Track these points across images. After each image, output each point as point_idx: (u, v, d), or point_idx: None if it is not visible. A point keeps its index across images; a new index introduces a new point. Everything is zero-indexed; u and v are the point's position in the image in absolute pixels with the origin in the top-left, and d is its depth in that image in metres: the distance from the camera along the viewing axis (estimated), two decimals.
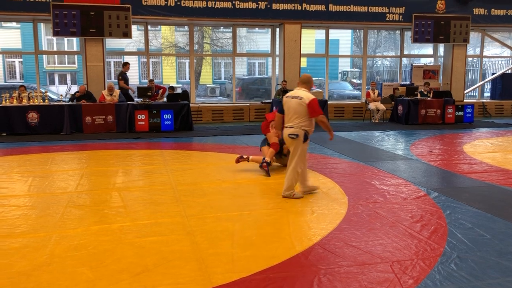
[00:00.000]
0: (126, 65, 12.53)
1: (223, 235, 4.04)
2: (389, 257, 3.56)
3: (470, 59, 18.91)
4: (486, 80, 17.71)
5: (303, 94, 5.20)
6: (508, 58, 18.07)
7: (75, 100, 11.34)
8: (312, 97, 5.19)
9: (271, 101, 13.65)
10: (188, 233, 4.08)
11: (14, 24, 23.76)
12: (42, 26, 22.28)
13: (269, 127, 6.78)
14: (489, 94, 17.83)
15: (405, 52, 16.59)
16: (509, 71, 17.02)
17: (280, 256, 3.57)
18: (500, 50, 21.52)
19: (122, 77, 12.39)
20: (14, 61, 25.43)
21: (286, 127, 5.29)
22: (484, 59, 17.68)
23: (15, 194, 5.44)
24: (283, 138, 5.41)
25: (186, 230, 4.18)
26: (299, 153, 5.20)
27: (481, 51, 16.79)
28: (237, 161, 6.69)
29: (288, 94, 5.39)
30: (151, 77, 13.54)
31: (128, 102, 11.39)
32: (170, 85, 15.38)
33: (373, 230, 4.16)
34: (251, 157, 6.68)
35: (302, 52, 14.00)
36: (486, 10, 14.94)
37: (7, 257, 3.56)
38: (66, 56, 26.94)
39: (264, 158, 6.47)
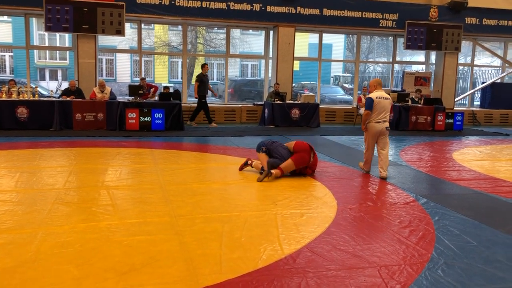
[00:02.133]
0: (204, 66, 12.38)
1: (212, 236, 4.02)
2: (377, 261, 3.56)
3: (461, 67, 19.10)
4: (476, 88, 17.89)
5: (387, 95, 6.65)
6: (498, 68, 18.27)
7: (62, 94, 11.27)
8: None
9: (263, 103, 13.66)
10: (177, 233, 4.06)
11: (5, 17, 23.52)
12: (34, 21, 22.08)
13: (299, 166, 6.44)
14: (479, 103, 18.03)
15: (397, 59, 16.69)
16: (499, 81, 17.22)
17: (268, 259, 3.56)
18: (490, 60, 21.76)
19: (200, 79, 12.23)
20: (4, 55, 25.18)
21: (380, 122, 6.56)
22: (474, 68, 17.87)
23: (1, 190, 5.37)
24: (378, 131, 6.62)
25: (175, 230, 4.15)
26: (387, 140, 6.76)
27: (472, 60, 16.96)
28: (241, 168, 6.63)
29: (377, 95, 6.55)
30: (143, 76, 13.46)
31: (119, 100, 11.32)
32: (164, 85, 15.35)
33: (361, 235, 4.17)
34: (254, 163, 6.64)
35: (295, 55, 14.04)
36: (478, 20, 15.11)
37: None
38: (57, 52, 26.74)
39: (262, 167, 6.41)
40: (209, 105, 12.86)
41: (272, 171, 6.24)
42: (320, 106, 13.47)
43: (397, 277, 3.30)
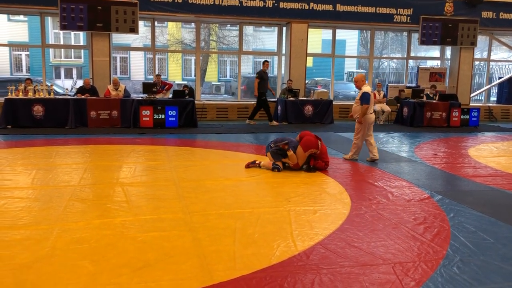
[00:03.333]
0: (265, 63, 12.35)
1: (225, 232, 4.03)
2: (391, 258, 3.54)
3: (477, 62, 18.80)
4: (493, 84, 17.61)
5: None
6: None
7: (77, 92, 11.43)
8: None
9: (276, 100, 13.63)
10: (190, 230, 4.08)
11: (21, 17, 23.80)
12: (49, 20, 22.33)
13: (309, 149, 6.47)
14: (495, 98, 17.75)
15: (412, 54, 16.51)
16: None
17: (281, 255, 3.56)
18: (507, 54, 21.39)
19: (260, 76, 12.15)
20: (20, 54, 25.50)
21: (372, 112, 7.37)
22: (491, 63, 17.59)
23: (18, 186, 5.46)
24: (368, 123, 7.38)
25: (188, 226, 4.17)
26: None
27: (489, 54, 16.71)
28: (247, 166, 6.69)
29: (370, 90, 7.28)
30: (157, 73, 13.55)
31: (133, 98, 11.40)
32: (178, 82, 15.37)
33: (375, 231, 4.14)
34: (262, 162, 6.69)
35: (308, 52, 13.97)
36: (494, 14, 14.86)
37: (9, 248, 3.57)
38: (72, 50, 26.98)
39: (273, 163, 6.53)
40: (222, 102, 12.86)
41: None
42: (333, 103, 13.40)
43: (412, 274, 3.27)
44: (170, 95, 12.21)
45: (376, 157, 7.47)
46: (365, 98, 7.20)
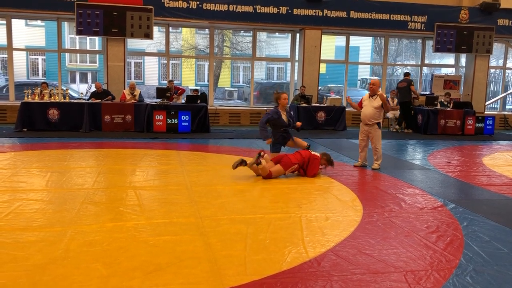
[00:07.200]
0: (408, 74, 13.14)
1: (237, 237, 4.03)
2: (403, 266, 3.51)
3: (492, 70, 18.60)
4: (509, 92, 17.41)
5: None
6: None
7: (90, 96, 11.58)
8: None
9: (288, 106, 13.62)
10: (202, 234, 4.09)
11: (39, 22, 24.22)
12: (66, 25, 22.69)
13: (287, 166, 6.55)
14: (511, 107, 17.54)
15: (426, 61, 16.41)
16: None
17: (292, 261, 3.55)
18: None
19: (413, 83, 12.92)
20: (37, 59, 25.90)
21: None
22: (507, 70, 17.39)
23: (33, 189, 5.53)
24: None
25: (200, 230, 4.19)
26: None
27: (504, 62, 16.53)
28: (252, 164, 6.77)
29: None
30: (170, 78, 13.64)
31: (147, 103, 11.49)
32: (191, 87, 15.48)
33: (387, 239, 4.12)
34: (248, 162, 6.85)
35: (321, 58, 13.97)
36: (511, 21, 14.72)
37: (23, 250, 3.62)
38: (88, 55, 27.33)
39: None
40: (235, 107, 12.92)
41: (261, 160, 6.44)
42: (346, 109, 13.36)
43: (424, 283, 3.24)
44: (183, 100, 12.29)
45: (367, 163, 7.74)
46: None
